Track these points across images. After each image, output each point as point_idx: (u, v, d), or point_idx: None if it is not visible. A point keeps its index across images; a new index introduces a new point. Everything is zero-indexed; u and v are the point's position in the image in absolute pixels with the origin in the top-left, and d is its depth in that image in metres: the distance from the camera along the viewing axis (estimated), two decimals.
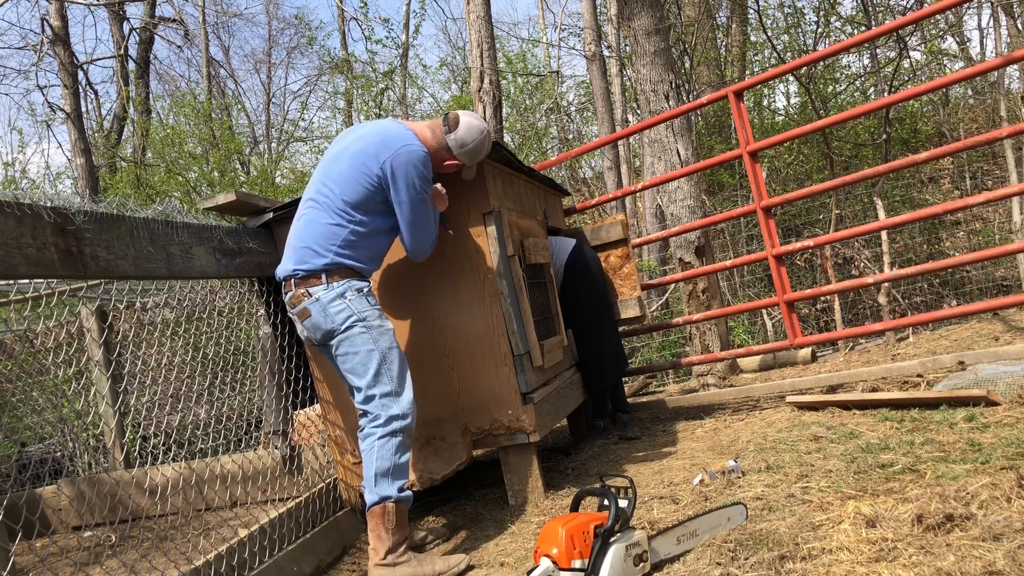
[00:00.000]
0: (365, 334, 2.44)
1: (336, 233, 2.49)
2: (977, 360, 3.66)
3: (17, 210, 1.97)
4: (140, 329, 4.48)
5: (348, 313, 2.44)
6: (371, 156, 2.50)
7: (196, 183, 11.41)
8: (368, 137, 2.56)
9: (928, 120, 10.86)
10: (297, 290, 2.48)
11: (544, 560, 1.86)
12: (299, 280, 2.48)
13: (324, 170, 2.59)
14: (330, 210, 2.50)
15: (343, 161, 2.54)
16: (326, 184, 2.55)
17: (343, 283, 2.46)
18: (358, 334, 2.44)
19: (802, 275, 8.96)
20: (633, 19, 5.10)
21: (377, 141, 2.52)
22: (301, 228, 2.56)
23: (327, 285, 2.45)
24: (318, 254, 2.46)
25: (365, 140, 2.55)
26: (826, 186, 3.89)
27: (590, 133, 14.76)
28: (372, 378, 2.44)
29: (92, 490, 3.97)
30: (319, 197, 2.54)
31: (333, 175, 2.54)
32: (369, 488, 2.41)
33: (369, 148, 2.52)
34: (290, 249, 2.55)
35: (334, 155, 2.60)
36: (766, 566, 1.84)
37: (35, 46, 12.51)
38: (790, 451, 2.83)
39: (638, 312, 4.23)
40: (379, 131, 2.58)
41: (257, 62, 21.83)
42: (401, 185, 2.50)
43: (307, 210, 2.57)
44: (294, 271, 2.49)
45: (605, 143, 5.10)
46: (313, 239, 2.49)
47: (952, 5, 3.57)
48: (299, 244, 2.51)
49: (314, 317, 2.46)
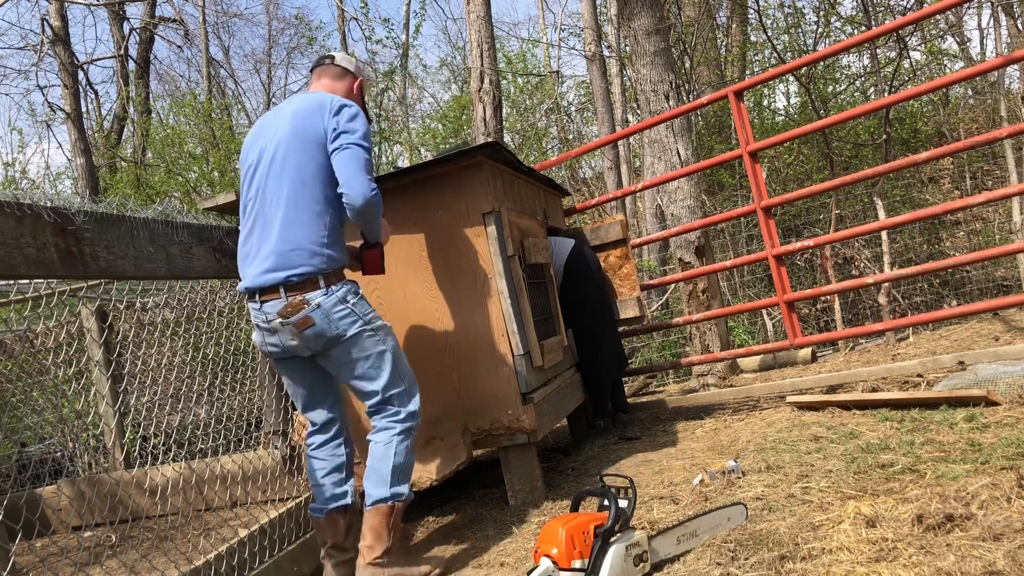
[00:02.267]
0: (374, 336, 2.36)
1: (322, 226, 2.33)
2: (977, 360, 3.66)
3: (17, 210, 1.97)
4: (140, 329, 4.48)
5: (354, 318, 2.33)
6: (313, 118, 2.37)
7: (196, 183, 11.41)
8: (299, 112, 2.42)
9: (928, 120, 10.86)
10: (292, 298, 2.29)
11: (544, 560, 1.86)
12: (293, 286, 2.29)
13: (272, 166, 2.38)
14: (307, 202, 2.33)
15: (292, 145, 2.36)
16: (286, 176, 2.35)
17: (341, 286, 2.34)
18: (367, 337, 2.35)
19: (802, 275, 8.96)
20: (633, 19, 5.10)
21: (310, 109, 2.40)
22: (280, 229, 2.32)
23: (326, 290, 2.30)
24: (312, 254, 2.30)
25: (296, 115, 2.40)
26: (826, 186, 3.89)
27: (590, 133, 14.76)
28: (388, 379, 2.39)
29: (92, 490, 3.97)
30: (286, 193, 2.34)
31: (291, 164, 2.35)
32: (382, 484, 2.35)
33: (306, 116, 2.38)
34: (269, 254, 2.32)
35: (273, 149, 2.40)
36: (766, 566, 1.84)
37: (35, 46, 12.52)
38: (790, 451, 2.83)
39: (637, 312, 4.23)
40: (306, 102, 2.44)
41: (257, 62, 21.84)
42: (347, 123, 2.35)
43: (274, 211, 2.34)
44: (287, 277, 2.29)
45: (605, 143, 5.10)
46: (301, 238, 2.31)
47: (952, 5, 3.57)
48: (282, 247, 2.30)
49: (319, 326, 2.30)
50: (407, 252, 3.02)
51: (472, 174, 2.94)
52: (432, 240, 3.00)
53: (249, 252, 2.40)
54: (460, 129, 12.21)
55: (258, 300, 2.34)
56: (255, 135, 2.52)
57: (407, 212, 3.01)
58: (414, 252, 3.01)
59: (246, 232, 2.44)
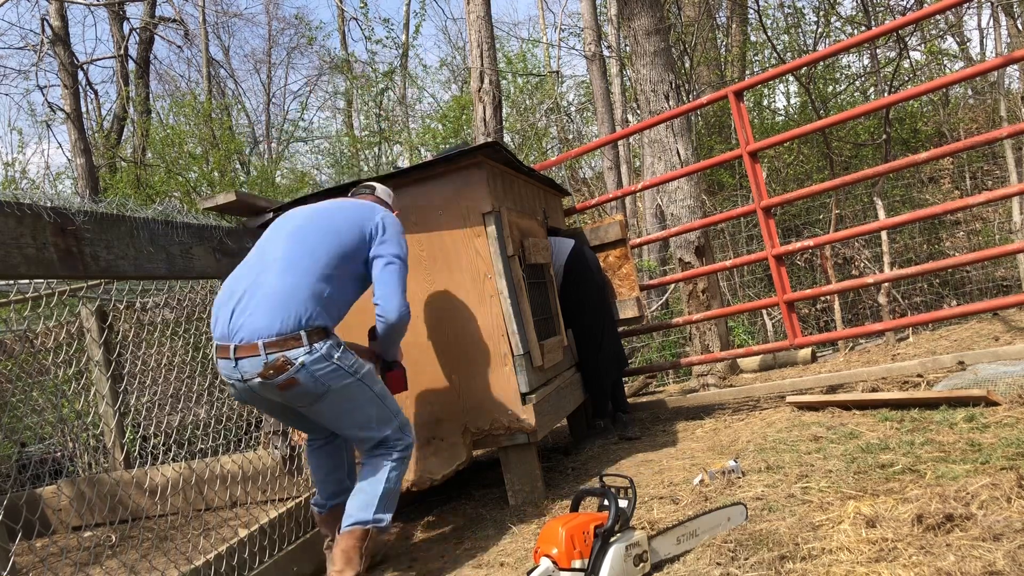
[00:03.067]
0: (360, 384, 2.29)
1: (319, 291, 2.26)
2: (977, 360, 3.66)
3: (17, 210, 1.97)
4: (140, 329, 4.48)
5: (340, 372, 2.23)
6: (353, 220, 2.44)
7: (196, 183, 11.41)
8: (345, 206, 2.51)
9: (928, 120, 10.86)
10: (272, 357, 2.15)
11: (544, 560, 1.86)
12: (272, 343, 2.15)
13: (292, 234, 2.39)
14: (314, 267, 2.30)
15: (325, 224, 2.42)
16: (297, 242, 2.35)
17: (324, 343, 2.22)
18: (355, 387, 2.28)
19: (802, 275, 8.96)
20: (633, 19, 5.10)
21: (359, 205, 2.50)
22: (272, 279, 2.25)
23: (309, 347, 2.18)
24: (297, 312, 2.19)
25: (342, 207, 2.49)
26: (826, 186, 3.89)
27: (590, 133, 14.76)
28: (378, 422, 2.35)
29: (92, 490, 3.97)
30: (291, 255, 2.32)
31: (312, 236, 2.37)
32: (366, 507, 2.30)
33: (345, 219, 2.45)
34: (256, 309, 2.20)
35: (299, 224, 2.43)
36: (766, 566, 1.84)
37: (35, 46, 12.51)
38: (790, 451, 2.83)
39: (636, 312, 4.23)
40: (352, 202, 2.55)
41: (257, 62, 21.83)
42: (391, 242, 2.43)
43: (272, 262, 2.31)
44: (278, 333, 2.16)
45: (605, 143, 5.10)
46: (290, 296, 2.22)
47: (952, 5, 3.57)
48: (270, 303, 2.20)
49: (304, 385, 2.19)
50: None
51: (472, 174, 2.94)
52: (432, 240, 3.00)
53: (231, 296, 2.29)
54: (460, 129, 12.21)
55: (231, 357, 2.19)
56: (287, 215, 2.54)
57: (407, 212, 3.01)
58: (414, 252, 3.01)
59: (233, 275, 2.37)
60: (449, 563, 2.55)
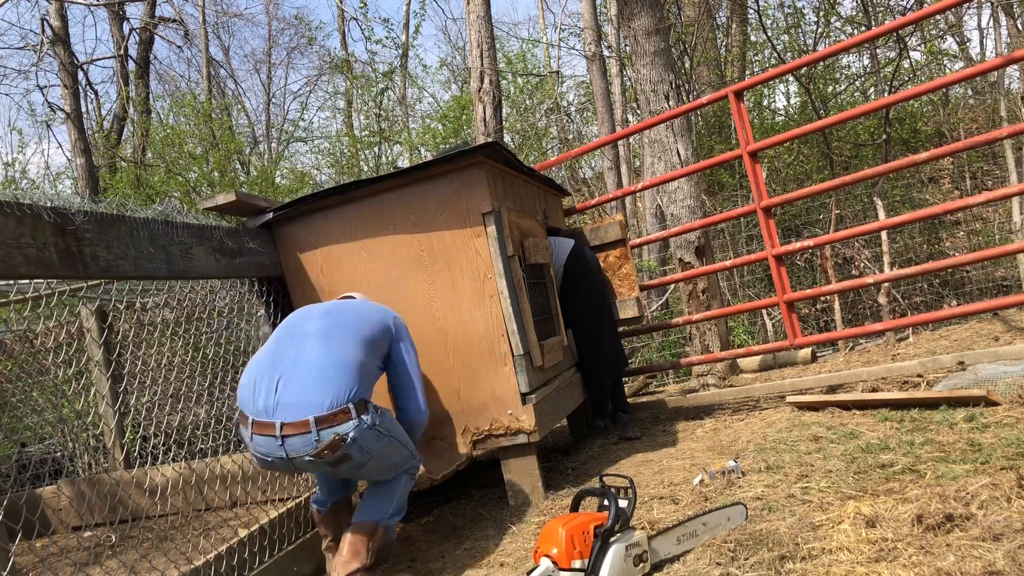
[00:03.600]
0: (391, 440, 2.33)
1: (359, 361, 2.25)
2: (977, 360, 3.66)
3: (17, 210, 1.97)
4: (140, 329, 4.47)
5: (380, 436, 2.25)
6: (377, 311, 2.53)
7: (196, 183, 11.40)
8: (356, 304, 2.57)
9: (928, 120, 10.86)
10: (325, 433, 2.10)
11: (544, 560, 1.86)
12: (323, 418, 2.10)
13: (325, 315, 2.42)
14: (351, 341, 2.30)
15: (350, 307, 2.52)
16: (334, 319, 2.38)
17: (368, 415, 2.20)
18: (391, 445, 2.33)
19: (802, 275, 8.95)
20: (633, 19, 5.10)
21: (369, 305, 2.58)
22: (319, 356, 2.20)
23: (357, 419, 2.15)
24: (347, 383, 2.17)
25: (354, 305, 2.55)
26: (826, 186, 3.89)
27: (590, 133, 14.76)
28: (403, 462, 2.44)
29: (92, 490, 3.97)
30: (330, 328, 2.32)
31: (343, 314, 2.43)
32: (377, 509, 2.36)
33: (369, 308, 2.54)
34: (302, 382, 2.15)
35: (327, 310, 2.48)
36: (766, 566, 1.84)
37: (35, 46, 12.51)
38: (790, 451, 2.83)
39: (636, 312, 4.23)
40: (359, 302, 2.62)
41: (257, 62, 21.84)
42: (408, 344, 2.54)
43: (311, 340, 2.28)
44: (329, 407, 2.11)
45: (605, 143, 5.10)
46: (337, 367, 2.19)
47: (952, 5, 3.57)
48: (317, 375, 2.16)
49: (354, 459, 2.18)
50: (407, 252, 3.02)
51: (472, 174, 2.94)
52: (432, 240, 3.00)
53: (267, 368, 2.23)
54: (460, 129, 12.21)
55: (277, 435, 2.10)
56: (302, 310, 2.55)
57: (407, 212, 3.01)
58: (414, 252, 3.01)
59: (264, 351, 2.33)
60: (449, 563, 2.55)
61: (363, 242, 3.06)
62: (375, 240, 3.05)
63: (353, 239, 3.08)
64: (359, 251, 3.07)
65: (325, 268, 3.12)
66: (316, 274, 3.13)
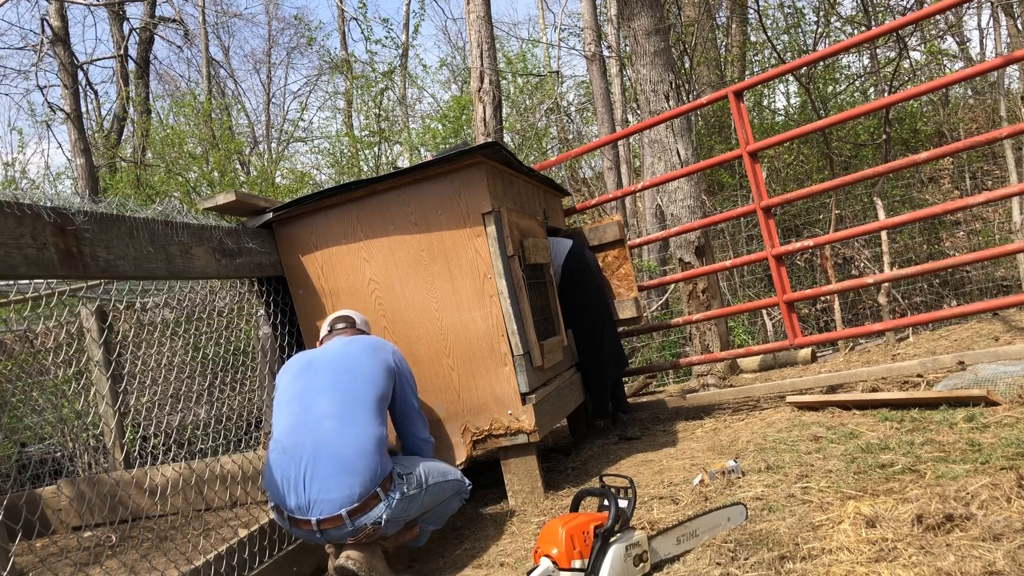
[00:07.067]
0: (423, 491, 2.38)
1: (380, 436, 2.27)
2: (977, 360, 3.66)
3: (17, 210, 1.97)
4: (140, 329, 4.47)
5: (412, 499, 2.31)
6: (378, 350, 2.51)
7: (196, 183, 11.40)
8: (357, 340, 2.55)
9: (928, 120, 10.86)
10: (359, 523, 2.18)
11: (544, 560, 1.86)
12: (354, 509, 2.17)
13: (333, 384, 2.37)
14: (366, 411, 2.31)
15: (352, 360, 2.44)
16: (339, 387, 2.35)
17: (395, 487, 2.26)
18: (424, 497, 2.39)
19: (802, 275, 8.96)
20: (633, 19, 5.10)
21: (371, 343, 2.55)
22: (340, 445, 2.20)
23: (387, 499, 2.22)
24: (371, 470, 2.20)
25: (356, 344, 2.52)
26: (826, 186, 3.89)
27: (590, 133, 14.76)
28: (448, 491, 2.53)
29: (92, 490, 3.97)
30: (343, 400, 2.31)
31: (347, 373, 2.39)
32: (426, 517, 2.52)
33: (369, 347, 2.51)
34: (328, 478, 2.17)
35: (328, 364, 2.45)
36: (766, 566, 1.84)
37: (35, 46, 12.51)
38: (790, 451, 2.83)
39: (635, 312, 4.23)
40: (358, 338, 2.59)
41: (257, 62, 21.85)
42: (408, 376, 2.57)
43: (328, 422, 2.27)
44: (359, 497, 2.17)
45: (605, 143, 5.10)
46: (359, 454, 2.20)
47: (952, 5, 3.57)
48: (342, 468, 2.17)
49: (390, 533, 2.30)
50: (407, 252, 3.02)
51: (472, 174, 2.94)
52: (432, 240, 3.00)
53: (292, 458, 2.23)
54: (460, 129, 12.21)
55: (315, 529, 2.19)
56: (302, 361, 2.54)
57: (407, 212, 3.01)
58: (414, 252, 3.01)
59: (283, 428, 2.33)
60: (449, 563, 2.55)
61: (363, 242, 3.06)
62: (375, 240, 3.05)
63: (353, 239, 3.08)
64: (359, 251, 3.07)
65: (325, 268, 3.12)
66: (316, 274, 3.14)
